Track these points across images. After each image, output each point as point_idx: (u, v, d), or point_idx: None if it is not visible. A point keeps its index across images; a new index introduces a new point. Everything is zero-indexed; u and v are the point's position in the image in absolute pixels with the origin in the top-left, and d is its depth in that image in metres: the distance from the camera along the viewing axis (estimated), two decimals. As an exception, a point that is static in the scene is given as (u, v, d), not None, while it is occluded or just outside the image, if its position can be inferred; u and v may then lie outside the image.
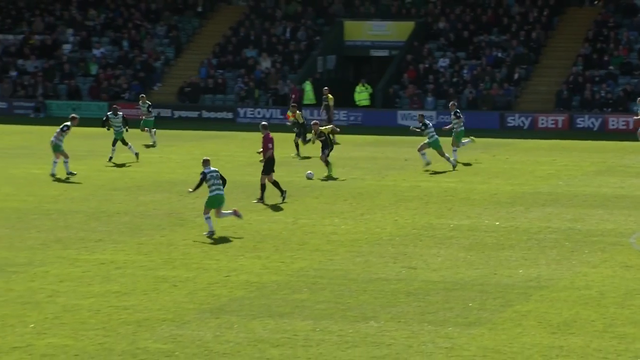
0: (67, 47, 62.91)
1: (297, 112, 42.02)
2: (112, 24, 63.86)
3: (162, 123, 54.93)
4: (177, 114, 57.53)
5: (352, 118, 55.97)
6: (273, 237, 25.76)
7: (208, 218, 25.88)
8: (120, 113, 40.06)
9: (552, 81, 56.50)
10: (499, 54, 57.98)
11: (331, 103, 48.83)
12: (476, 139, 40.55)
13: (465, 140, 39.82)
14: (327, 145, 35.44)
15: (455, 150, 38.98)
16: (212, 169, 26.18)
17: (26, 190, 32.38)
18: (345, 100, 57.13)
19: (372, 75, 59.93)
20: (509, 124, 53.90)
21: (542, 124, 53.65)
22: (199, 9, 64.25)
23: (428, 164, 37.44)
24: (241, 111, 56.21)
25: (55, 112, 57.70)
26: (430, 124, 37.76)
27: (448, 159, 37.25)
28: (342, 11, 62.23)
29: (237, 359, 16.60)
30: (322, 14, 62.45)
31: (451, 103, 41.83)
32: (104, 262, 22.93)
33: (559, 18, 59.92)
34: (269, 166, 30.50)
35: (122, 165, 38.34)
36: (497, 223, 27.74)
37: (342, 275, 21.95)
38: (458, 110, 40.28)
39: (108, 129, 40.15)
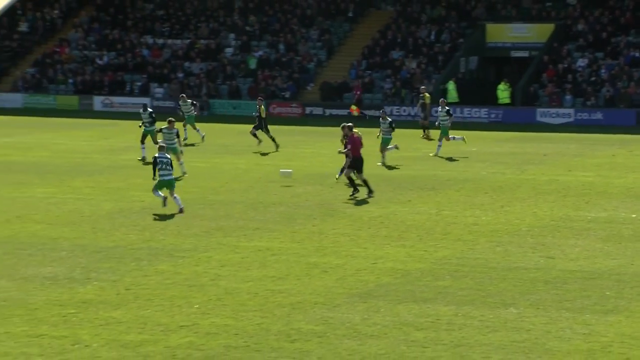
0: (228, 51, 64.01)
1: (262, 106, 41.29)
2: (269, 28, 64.67)
3: (313, 121, 55.39)
4: (327, 112, 58.01)
5: (492, 116, 55.42)
6: (417, 227, 25.66)
7: (156, 191, 27.24)
8: (150, 109, 38.57)
9: (689, 79, 54.71)
10: (637, 54, 56.40)
11: (427, 101, 46.90)
12: (612, 136, 39.53)
13: (454, 136, 39.49)
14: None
15: (439, 146, 39.00)
16: (164, 154, 27.34)
17: (191, 183, 33.04)
18: (486, 99, 56.49)
19: (512, 75, 59.15)
20: (646, 121, 52.46)
21: (679, 120, 52.03)
22: (350, 14, 64.50)
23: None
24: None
25: (218, 111, 58.87)
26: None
27: (390, 148, 36.61)
28: (484, 14, 61.54)
29: (384, 340, 16.58)
30: (465, 18, 61.89)
31: (441, 100, 42.02)
32: (261, 249, 23.22)
33: (696, 18, 57.99)
34: (356, 165, 29.67)
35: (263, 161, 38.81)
36: (634, 216, 26.99)
37: (482, 264, 21.71)
38: (448, 107, 40.44)
39: (140, 126, 38.52)
